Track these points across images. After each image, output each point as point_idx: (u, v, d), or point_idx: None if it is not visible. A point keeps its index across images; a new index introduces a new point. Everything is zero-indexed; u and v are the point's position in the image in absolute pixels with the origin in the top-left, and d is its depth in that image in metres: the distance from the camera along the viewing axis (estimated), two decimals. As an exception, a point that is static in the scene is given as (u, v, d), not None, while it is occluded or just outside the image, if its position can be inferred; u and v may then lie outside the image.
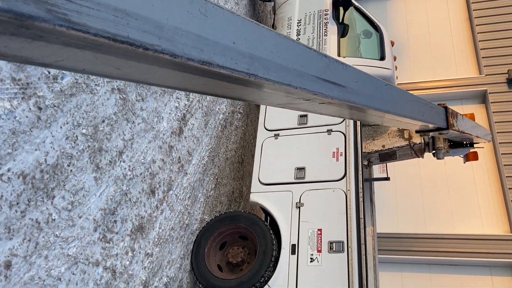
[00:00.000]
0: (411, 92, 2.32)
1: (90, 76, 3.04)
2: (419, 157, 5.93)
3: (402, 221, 9.80)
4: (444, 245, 9.12)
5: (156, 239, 3.78)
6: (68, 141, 2.79)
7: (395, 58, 6.39)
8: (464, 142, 5.66)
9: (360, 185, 4.29)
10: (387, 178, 6.38)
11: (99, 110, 3.13)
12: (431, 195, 9.86)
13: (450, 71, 11.14)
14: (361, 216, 4.09)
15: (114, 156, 3.26)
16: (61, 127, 2.74)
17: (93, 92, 3.07)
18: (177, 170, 4.25)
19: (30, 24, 0.58)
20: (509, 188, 9.14)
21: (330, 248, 3.97)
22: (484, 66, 10.54)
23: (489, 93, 10.19)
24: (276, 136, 4.93)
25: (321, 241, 4.05)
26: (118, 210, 3.28)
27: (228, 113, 5.75)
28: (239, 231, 4.51)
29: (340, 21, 6.20)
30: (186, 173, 4.43)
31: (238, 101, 6.22)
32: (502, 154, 9.48)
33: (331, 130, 4.72)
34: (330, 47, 5.71)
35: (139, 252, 3.51)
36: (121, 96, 3.39)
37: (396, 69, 6.43)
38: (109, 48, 0.72)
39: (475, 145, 5.66)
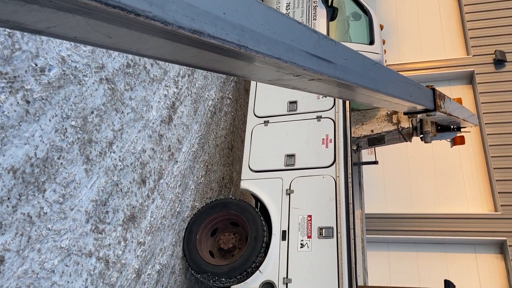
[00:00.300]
0: (400, 73, 2.33)
1: (77, 66, 3.01)
2: (407, 141, 6.01)
3: (390, 201, 9.98)
4: (430, 225, 9.34)
5: (148, 228, 3.81)
6: (57, 134, 2.77)
7: (384, 42, 6.40)
8: (452, 126, 5.74)
9: (350, 172, 4.35)
10: (375, 162, 6.47)
11: (88, 101, 3.10)
12: (418, 176, 10.03)
13: (438, 52, 11.21)
14: (350, 202, 4.15)
15: (104, 147, 3.25)
16: (50, 120, 2.72)
17: (81, 83, 3.03)
18: (168, 158, 4.25)
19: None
20: (494, 168, 9.34)
21: (320, 234, 4.04)
22: (472, 46, 10.61)
23: (476, 74, 10.30)
24: (266, 123, 4.94)
25: (311, 227, 4.11)
26: (110, 200, 3.29)
27: (217, 99, 5.73)
28: (230, 218, 4.56)
29: (329, 4, 6.16)
30: (177, 161, 4.44)
31: (227, 86, 6.20)
32: (488, 134, 9.65)
33: (321, 117, 4.75)
34: (319, 31, 5.67)
35: (132, 242, 3.54)
36: (109, 86, 3.35)
37: (385, 53, 6.45)
38: (101, 13, 0.72)
39: (462, 129, 5.75)
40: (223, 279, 4.11)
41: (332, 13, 6.13)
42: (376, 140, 5.99)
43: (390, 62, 10.98)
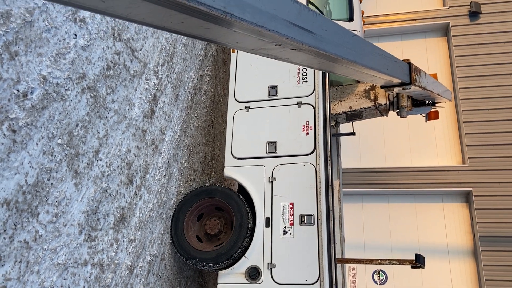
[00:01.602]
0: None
1: (59, 82, 2.97)
2: (383, 115, 6.18)
3: (364, 157, 10.32)
4: (402, 178, 9.81)
5: (137, 224, 3.94)
6: (45, 156, 2.80)
7: (362, 13, 6.36)
8: (427, 101, 5.92)
9: (329, 160, 4.51)
10: (353, 133, 6.66)
11: (72, 115, 3.09)
12: (391, 131, 10.35)
13: (415, 2, 11.17)
14: (330, 190, 4.36)
15: (91, 158, 3.28)
16: (37, 144, 2.73)
17: (64, 98, 3.01)
18: (152, 152, 4.31)
19: None
20: (464, 122, 9.70)
21: (301, 221, 4.28)
22: None
23: (452, 26, 10.37)
24: (247, 108, 4.99)
25: (293, 214, 4.33)
26: (100, 207, 3.38)
27: (197, 79, 5.69)
28: (215, 204, 4.73)
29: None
30: (161, 153, 4.50)
31: (206, 63, 6.13)
32: (460, 88, 9.90)
33: (301, 103, 4.82)
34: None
35: (123, 241, 3.68)
36: (91, 94, 3.33)
37: (363, 22, 6.43)
38: None
39: (436, 105, 5.94)
40: (211, 264, 4.34)
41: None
42: (354, 116, 6.14)
43: (367, 14, 10.91)
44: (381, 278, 9.80)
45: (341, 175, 6.91)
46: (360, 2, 6.12)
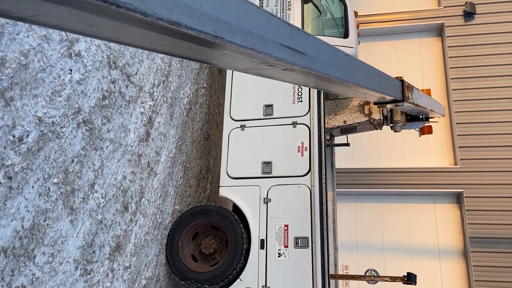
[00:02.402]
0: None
1: (54, 121, 2.96)
2: (377, 129, 6.22)
3: (358, 157, 10.37)
4: (394, 178, 9.89)
5: (132, 250, 3.97)
6: (41, 197, 2.80)
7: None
8: (420, 116, 5.96)
9: (324, 181, 4.55)
10: (347, 144, 6.71)
11: (68, 151, 3.09)
12: (385, 132, 10.41)
13: (410, 2, 11.16)
14: (324, 212, 4.40)
15: (86, 191, 3.29)
16: (32, 187, 2.73)
17: (59, 136, 3.00)
18: (147, 175, 4.32)
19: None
20: (457, 123, 9.77)
21: (296, 244, 4.32)
22: None
23: (446, 26, 10.38)
24: (243, 127, 5.00)
25: (287, 236, 4.38)
26: (95, 239, 3.40)
27: (192, 94, 5.68)
28: (210, 223, 4.76)
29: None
30: (156, 174, 4.51)
31: (201, 76, 6.11)
32: (453, 89, 9.93)
33: (296, 123, 4.84)
34: (294, 23, 5.57)
35: (118, 270, 3.71)
36: (87, 127, 3.32)
37: (359, 43, 6.42)
38: (83, 4, 0.77)
39: (430, 120, 5.98)
40: (206, 285, 4.39)
41: (305, -2, 5.97)
42: (348, 129, 6.17)
43: (362, 13, 10.88)
44: None
45: (335, 186, 6.96)
46: (356, 16, 6.10)
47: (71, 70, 3.14)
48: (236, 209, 4.85)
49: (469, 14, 10.42)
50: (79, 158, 3.22)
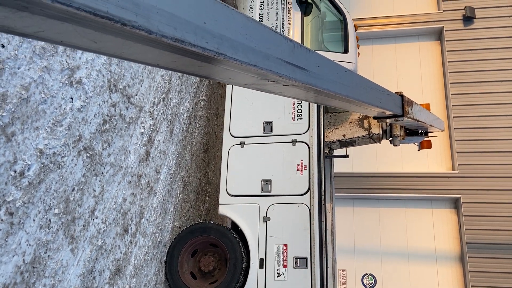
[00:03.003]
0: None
1: (55, 151, 2.96)
2: (376, 143, 6.24)
3: (356, 161, 10.38)
4: (393, 183, 9.90)
5: (132, 272, 3.98)
6: (42, 230, 2.81)
7: (358, 39, 6.35)
8: (420, 131, 5.97)
9: (323, 201, 4.56)
10: (346, 156, 6.72)
11: (68, 180, 3.09)
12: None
13: (410, 5, 11.14)
14: (324, 232, 4.42)
15: (87, 218, 3.30)
16: (34, 220, 2.74)
17: (60, 166, 3.00)
18: (147, 195, 4.33)
19: (18, -5, 0.62)
20: (455, 128, 9.77)
21: (295, 264, 4.34)
22: (443, 0, 10.58)
23: (445, 30, 10.36)
24: (242, 144, 5.00)
25: (287, 256, 4.40)
26: (96, 265, 3.41)
27: (192, 108, 5.68)
28: (209, 241, 4.77)
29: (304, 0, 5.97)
30: (156, 193, 4.52)
31: (201, 89, 6.10)
32: (451, 94, 9.91)
33: (296, 141, 4.85)
34: (294, 38, 5.57)
35: (119, 293, 3.73)
36: (87, 154, 3.32)
37: (358, 55, 6.43)
38: (88, 22, 0.77)
39: (429, 134, 6.00)
40: (205, 304, 4.41)
41: (306, 8, 5.97)
42: (347, 143, 6.18)
43: (361, 16, 10.86)
44: (370, 281, 9.97)
45: (334, 197, 6.99)
46: (356, 30, 6.10)
47: (72, 98, 3.14)
48: (235, 225, 4.86)
49: (468, 19, 10.41)
50: (80, 186, 3.22)
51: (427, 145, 6.08)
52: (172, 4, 0.89)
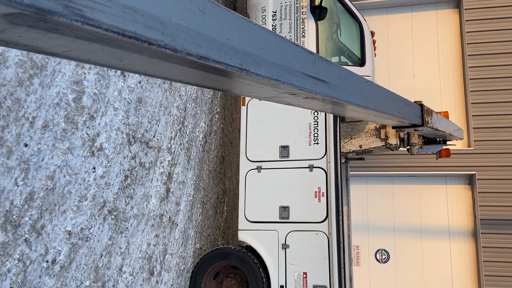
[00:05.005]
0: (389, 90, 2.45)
1: (83, 226, 3.04)
2: (393, 150, 6.21)
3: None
4: (407, 160, 9.87)
5: (159, 309, 4.17)
6: (76, 305, 2.94)
7: (374, 42, 6.16)
8: (438, 139, 5.91)
9: (342, 228, 4.64)
10: (361, 158, 6.73)
11: (96, 249, 3.20)
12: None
13: None
14: (342, 261, 4.52)
15: (115, 277, 3.43)
16: (68, 300, 2.87)
17: (88, 238, 3.10)
18: (169, 230, 4.44)
19: (49, 18, 0.64)
20: (472, 103, 9.60)
21: (315, 292, 4.49)
22: None
23: None
24: (259, 168, 5.03)
25: (306, 284, 4.54)
26: (126, 317, 3.58)
27: (207, 126, 5.67)
28: (230, 264, 4.93)
29: (318, 4, 5.75)
30: (177, 225, 4.63)
31: (215, 102, 6.07)
32: (469, 67, 9.62)
33: (313, 166, 4.86)
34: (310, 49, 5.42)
35: (148, 334, 3.92)
36: (112, 216, 3.40)
37: (375, 56, 6.25)
38: (116, 42, 0.81)
39: (448, 142, 5.93)
40: (229, 328, 4.63)
41: (319, 14, 5.76)
42: (363, 152, 6.16)
43: None
44: (384, 257, 10.21)
45: (350, 200, 7.05)
46: (373, 36, 5.91)
47: (94, 168, 3.18)
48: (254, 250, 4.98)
49: (488, -16, 9.90)
50: (107, 250, 3.33)
51: (446, 153, 6.02)
52: (197, 22, 0.91)
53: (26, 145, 2.54)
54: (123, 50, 0.82)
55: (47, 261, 2.69)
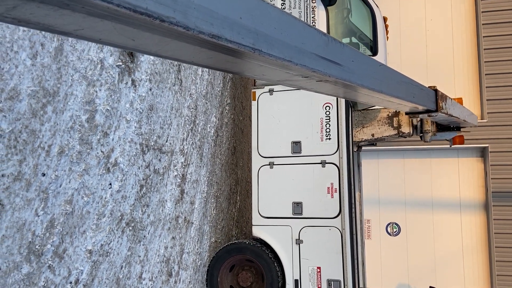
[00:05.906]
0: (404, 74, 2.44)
1: (102, 242, 3.12)
2: (406, 138, 6.16)
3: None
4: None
5: (179, 307, 4.32)
6: (100, 319, 3.07)
7: (387, 26, 5.99)
8: (451, 126, 5.84)
9: (354, 224, 4.69)
10: (374, 144, 6.71)
11: (117, 262, 3.29)
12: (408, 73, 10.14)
13: None
14: (355, 255, 4.60)
15: (136, 285, 3.54)
16: (92, 315, 2.98)
17: (108, 253, 3.18)
18: (185, 230, 4.53)
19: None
20: (486, 74, 9.45)
21: (328, 286, 4.60)
22: None
23: None
24: (271, 164, 5.06)
25: (320, 278, 4.65)
26: (148, 320, 3.72)
27: (218, 120, 5.67)
28: (245, 258, 5.05)
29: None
30: (192, 223, 4.72)
31: (225, 93, 6.03)
32: (484, 36, 9.40)
33: (325, 162, 4.86)
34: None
35: (169, 332, 4.09)
36: (130, 227, 3.48)
37: (388, 39, 6.09)
38: (127, 19, 0.80)
39: (461, 129, 5.86)
40: (246, 320, 4.79)
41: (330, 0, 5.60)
42: (376, 140, 6.13)
43: None
44: (395, 230, 10.33)
45: (362, 187, 7.08)
46: (385, 22, 5.75)
47: (110, 184, 3.22)
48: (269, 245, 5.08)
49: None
50: (127, 260, 3.42)
51: (460, 140, 5.96)
52: (210, 0, 0.90)
53: (43, 175, 2.58)
54: (135, 28, 0.81)
55: (71, 282, 2.79)
